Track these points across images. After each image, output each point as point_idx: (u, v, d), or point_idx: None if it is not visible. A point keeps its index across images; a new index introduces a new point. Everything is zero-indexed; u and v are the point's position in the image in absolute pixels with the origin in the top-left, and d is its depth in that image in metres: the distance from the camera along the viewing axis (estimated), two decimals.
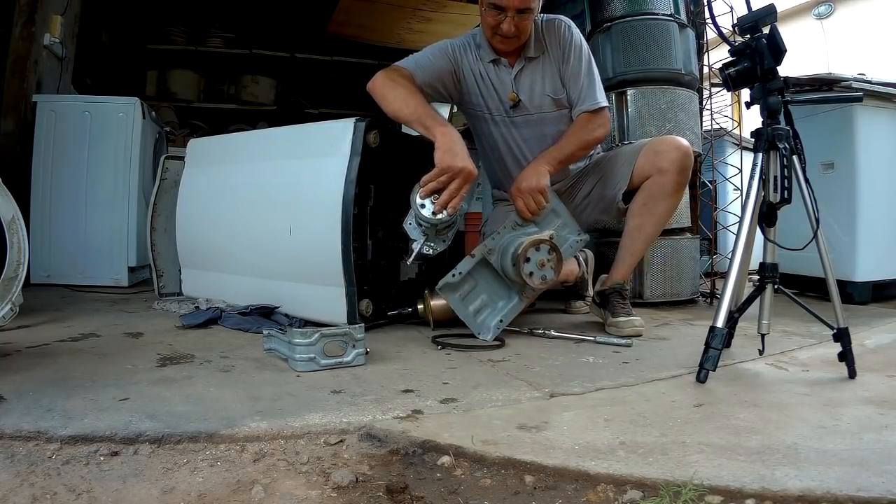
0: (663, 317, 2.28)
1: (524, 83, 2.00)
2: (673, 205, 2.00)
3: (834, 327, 1.40)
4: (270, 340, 1.58)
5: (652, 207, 1.97)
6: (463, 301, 1.78)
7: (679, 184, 1.95)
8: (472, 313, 1.79)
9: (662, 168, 1.93)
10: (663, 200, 1.96)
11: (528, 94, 2.01)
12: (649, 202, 1.96)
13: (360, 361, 1.49)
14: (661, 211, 1.97)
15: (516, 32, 1.87)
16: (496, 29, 1.88)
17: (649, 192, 1.96)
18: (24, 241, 1.60)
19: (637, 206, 1.99)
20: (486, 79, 2.02)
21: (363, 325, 1.53)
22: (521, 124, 2.04)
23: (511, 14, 1.83)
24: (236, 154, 2.33)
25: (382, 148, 1.95)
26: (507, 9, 1.82)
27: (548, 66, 1.99)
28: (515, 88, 2.00)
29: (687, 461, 0.92)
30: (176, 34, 5.53)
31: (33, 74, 3.05)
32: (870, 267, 2.56)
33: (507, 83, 2.00)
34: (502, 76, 2.01)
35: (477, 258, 1.79)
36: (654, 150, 1.96)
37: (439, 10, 5.09)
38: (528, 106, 2.02)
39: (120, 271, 2.96)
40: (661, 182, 1.94)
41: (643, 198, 1.97)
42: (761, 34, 1.43)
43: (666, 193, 1.95)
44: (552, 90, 2.00)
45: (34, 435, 0.99)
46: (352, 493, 0.92)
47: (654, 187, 1.95)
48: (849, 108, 2.50)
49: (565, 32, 1.98)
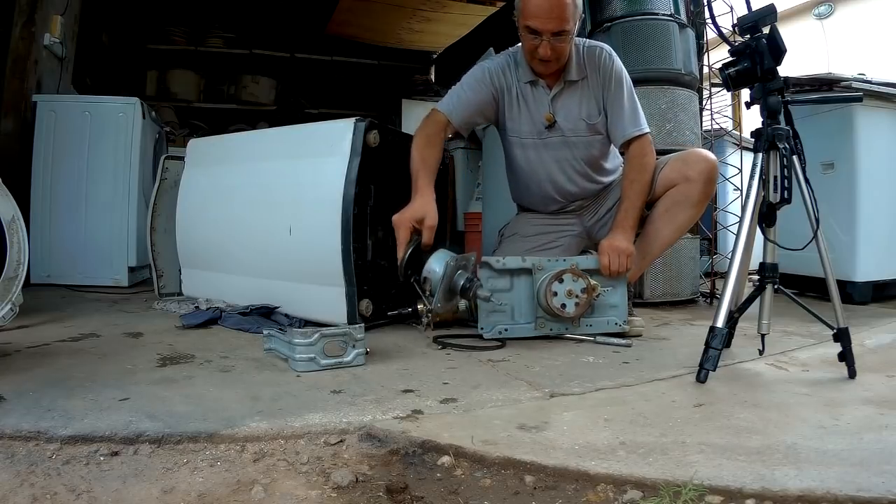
0: (663, 317, 2.28)
1: (561, 106, 1.99)
2: (694, 215, 1.98)
3: (834, 327, 1.40)
4: (270, 340, 1.58)
5: (674, 214, 1.95)
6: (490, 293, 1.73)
7: (705, 194, 1.94)
8: (489, 310, 1.77)
9: (690, 177, 1.91)
10: (687, 209, 1.94)
11: (564, 116, 1.99)
12: (672, 209, 1.95)
13: (360, 362, 1.49)
14: (682, 219, 1.96)
15: (554, 56, 1.85)
16: (534, 53, 1.87)
17: (673, 200, 1.94)
18: (24, 241, 1.60)
19: (659, 212, 1.97)
20: (524, 99, 2.01)
21: (363, 325, 1.53)
22: (552, 146, 2.03)
23: (547, 38, 1.81)
24: (236, 154, 2.33)
25: (382, 148, 1.95)
26: (542, 33, 1.81)
27: (587, 92, 1.98)
28: (552, 110, 1.99)
29: (687, 461, 0.92)
30: (176, 34, 5.53)
31: (33, 74, 3.05)
32: (870, 267, 2.56)
33: (545, 103, 1.99)
34: (540, 97, 1.99)
35: (529, 263, 1.79)
36: (682, 159, 1.95)
37: (439, 10, 5.09)
38: (563, 128, 2.00)
39: (120, 271, 2.96)
40: (688, 190, 1.92)
41: (667, 204, 1.96)
42: (761, 34, 1.43)
43: (690, 202, 1.93)
44: (587, 115, 1.99)
45: (34, 435, 0.99)
46: (352, 493, 0.92)
47: (678, 195, 1.93)
48: (849, 108, 2.50)
49: (606, 60, 1.96)
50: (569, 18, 1.80)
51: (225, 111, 5.70)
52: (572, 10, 1.81)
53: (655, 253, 2.05)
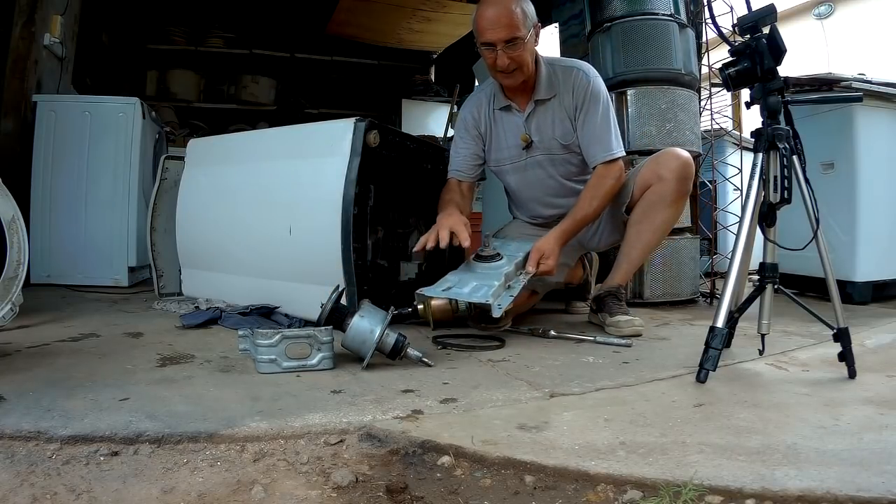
0: (663, 317, 2.28)
1: (536, 126, 2.02)
2: (672, 214, 1.99)
3: (834, 327, 1.40)
4: (244, 341, 1.54)
5: (652, 216, 1.97)
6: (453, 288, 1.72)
7: (679, 192, 1.95)
8: (471, 291, 1.71)
9: (663, 176, 1.93)
10: (663, 209, 1.95)
11: (539, 136, 2.03)
12: (649, 210, 1.97)
13: (327, 365, 1.43)
14: (660, 220, 1.97)
15: (513, 64, 1.87)
16: (495, 67, 1.89)
17: (649, 201, 1.97)
18: (24, 241, 1.60)
19: (637, 214, 2.00)
20: (502, 127, 2.07)
21: (330, 328, 1.45)
22: (532, 165, 2.08)
23: (500, 47, 1.84)
24: (236, 154, 2.33)
25: (382, 148, 1.95)
26: (495, 44, 1.84)
27: (558, 111, 1.99)
28: (528, 130, 2.03)
29: (687, 461, 0.92)
30: (176, 34, 5.53)
31: (33, 74, 3.04)
32: (870, 267, 2.56)
33: (520, 125, 2.03)
34: (515, 120, 2.04)
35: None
36: (655, 159, 1.98)
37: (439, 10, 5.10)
38: (540, 147, 2.04)
39: (120, 271, 2.95)
40: (661, 190, 1.94)
41: (643, 206, 1.98)
42: (761, 34, 1.43)
43: (665, 202, 1.94)
44: (561, 135, 2.00)
45: (34, 435, 0.99)
46: (352, 493, 0.92)
47: (653, 196, 1.95)
48: (849, 108, 2.50)
49: (582, 79, 1.96)
50: (518, 26, 1.82)
51: (225, 111, 5.70)
52: (521, 18, 1.83)
53: (639, 256, 2.06)
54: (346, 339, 1.46)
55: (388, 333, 1.46)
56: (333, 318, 1.47)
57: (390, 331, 1.47)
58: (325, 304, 1.48)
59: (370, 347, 1.42)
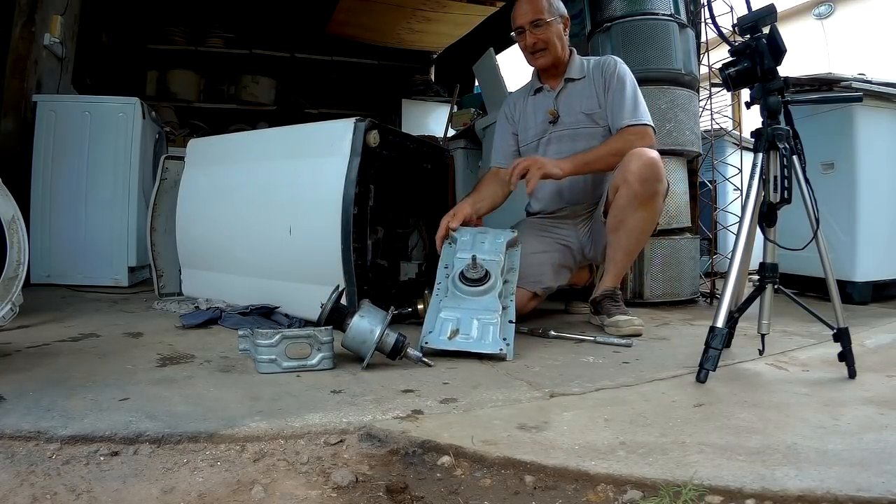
0: (663, 317, 2.28)
1: (564, 102, 2.14)
2: (646, 216, 1.94)
3: (834, 327, 1.40)
4: (244, 341, 1.53)
5: (626, 221, 1.94)
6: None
7: (644, 194, 1.88)
8: (478, 336, 1.59)
9: (627, 179, 1.89)
10: (633, 212, 1.91)
11: (566, 111, 2.13)
12: (620, 214, 1.94)
13: (327, 365, 1.42)
14: (632, 223, 1.93)
15: (540, 44, 2.07)
16: (525, 49, 2.11)
17: (619, 205, 1.93)
18: (24, 241, 1.60)
19: (612, 221, 1.98)
20: (532, 109, 2.21)
21: (330, 328, 1.45)
22: (555, 140, 2.14)
23: (528, 28, 2.06)
24: (236, 154, 2.33)
25: (382, 148, 1.95)
26: (524, 27, 2.07)
27: (588, 89, 2.11)
28: (556, 106, 2.15)
29: (687, 461, 0.92)
30: (176, 34, 5.54)
31: (33, 74, 3.05)
32: (870, 267, 2.56)
33: (549, 103, 2.16)
34: (545, 98, 2.18)
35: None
36: (623, 162, 1.91)
37: (439, 10, 5.10)
38: (566, 122, 2.13)
39: (120, 271, 2.96)
40: (626, 193, 1.89)
41: (615, 211, 1.96)
42: (761, 34, 1.42)
43: (633, 205, 1.90)
44: (588, 108, 2.10)
45: (34, 435, 0.99)
46: (352, 493, 0.92)
47: (621, 199, 1.92)
48: (849, 108, 2.50)
49: (612, 64, 2.10)
50: (543, 11, 2.05)
51: (225, 111, 5.70)
52: (546, 6, 2.06)
53: (623, 260, 2.04)
54: (346, 339, 1.46)
55: (388, 333, 1.46)
56: (333, 318, 1.47)
57: (390, 331, 1.46)
58: (325, 304, 1.48)
59: (370, 347, 1.42)
